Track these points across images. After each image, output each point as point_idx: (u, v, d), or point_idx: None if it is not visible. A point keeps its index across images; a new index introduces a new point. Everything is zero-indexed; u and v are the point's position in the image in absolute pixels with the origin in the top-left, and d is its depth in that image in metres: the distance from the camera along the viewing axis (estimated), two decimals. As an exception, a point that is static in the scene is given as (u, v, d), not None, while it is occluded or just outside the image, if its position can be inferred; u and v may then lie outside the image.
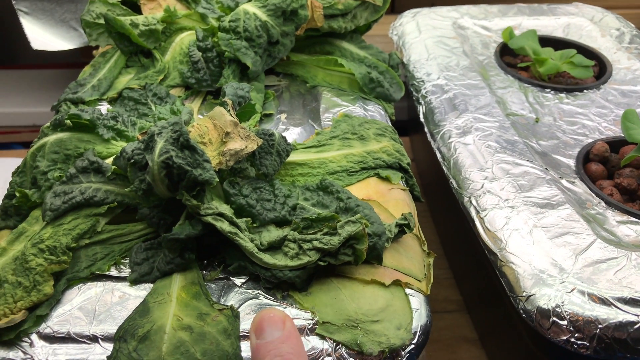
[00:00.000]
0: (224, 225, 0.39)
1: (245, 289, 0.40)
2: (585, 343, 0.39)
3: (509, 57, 0.73)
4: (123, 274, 0.41)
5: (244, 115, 0.54)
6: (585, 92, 0.64)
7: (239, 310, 0.38)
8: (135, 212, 0.43)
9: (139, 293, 0.39)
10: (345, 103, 0.59)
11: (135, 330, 0.36)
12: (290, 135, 0.55)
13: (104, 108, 0.58)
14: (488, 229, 0.46)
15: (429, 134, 0.60)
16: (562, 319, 0.39)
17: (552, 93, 0.64)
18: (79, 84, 0.60)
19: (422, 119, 0.62)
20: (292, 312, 0.38)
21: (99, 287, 0.40)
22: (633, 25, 0.77)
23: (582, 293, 0.40)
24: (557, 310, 0.39)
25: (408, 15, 0.80)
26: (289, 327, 0.31)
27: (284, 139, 0.47)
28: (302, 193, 0.45)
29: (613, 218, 0.47)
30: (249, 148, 0.42)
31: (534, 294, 0.40)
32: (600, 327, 0.38)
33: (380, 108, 0.60)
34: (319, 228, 0.39)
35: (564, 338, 0.39)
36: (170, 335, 0.36)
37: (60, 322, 0.37)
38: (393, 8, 1.12)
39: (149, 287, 0.40)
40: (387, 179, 0.49)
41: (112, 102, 0.59)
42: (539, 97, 0.63)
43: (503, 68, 0.68)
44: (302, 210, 0.43)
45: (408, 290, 0.39)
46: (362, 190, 0.47)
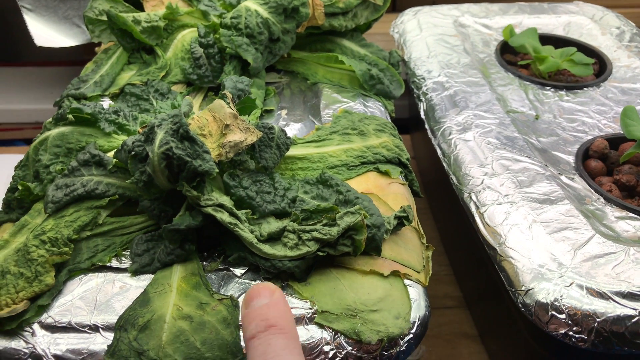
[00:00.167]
0: (224, 217, 0.39)
1: (245, 280, 0.40)
2: (584, 336, 0.39)
3: (510, 55, 0.73)
4: (124, 265, 0.41)
5: (245, 111, 0.54)
6: (585, 89, 0.64)
7: (239, 300, 0.38)
8: (136, 204, 0.43)
9: (140, 284, 0.40)
10: (346, 99, 0.60)
11: (136, 320, 0.36)
12: (291, 131, 0.55)
13: (106, 104, 0.58)
14: (488, 224, 0.46)
15: (430, 131, 0.60)
16: (560, 313, 0.39)
17: (552, 91, 0.64)
18: (82, 80, 0.60)
19: (422, 116, 0.62)
20: (291, 301, 0.38)
21: (100, 277, 0.40)
22: (633, 24, 0.77)
23: (580, 287, 0.40)
24: (555, 304, 0.39)
25: (409, 14, 0.80)
26: (277, 295, 0.30)
27: (284, 133, 0.47)
28: (301, 186, 0.45)
29: (612, 214, 0.48)
30: (249, 140, 0.42)
31: (533, 288, 0.41)
32: (599, 320, 0.38)
33: (381, 105, 0.60)
34: (318, 219, 0.40)
35: (563, 331, 0.39)
36: (170, 325, 0.36)
37: (62, 312, 0.38)
38: (394, 7, 1.12)
39: (150, 277, 0.40)
40: (386, 174, 0.49)
41: (114, 98, 0.59)
42: (539, 94, 0.63)
43: (503, 66, 0.68)
44: (301, 203, 0.43)
45: (407, 281, 0.39)
46: (361, 184, 0.47)
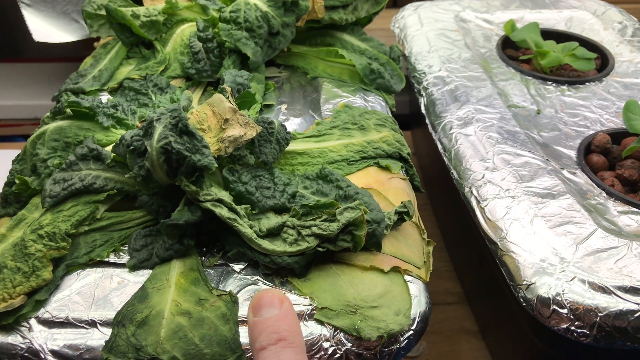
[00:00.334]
0: (223, 212, 0.39)
1: (244, 275, 0.39)
2: (586, 331, 0.38)
3: (511, 49, 0.73)
4: (122, 260, 0.41)
5: (244, 105, 0.54)
6: (587, 84, 0.64)
7: (238, 296, 0.38)
8: (135, 199, 0.43)
9: (138, 279, 0.39)
10: (346, 94, 0.59)
11: (134, 316, 0.36)
12: (291, 126, 0.55)
13: (105, 98, 0.58)
14: (489, 219, 0.46)
15: (430, 126, 0.59)
16: (562, 308, 0.39)
17: (553, 85, 0.63)
18: (80, 75, 0.60)
19: (423, 111, 0.62)
20: (291, 297, 0.37)
21: (98, 273, 0.40)
22: (635, 19, 0.77)
23: (582, 282, 0.39)
24: (557, 299, 0.39)
25: (410, 8, 0.80)
26: (287, 306, 0.31)
27: (284, 128, 0.47)
28: (301, 181, 0.45)
29: (614, 208, 0.47)
30: (248, 135, 0.42)
31: (535, 283, 0.40)
32: (601, 315, 0.38)
33: (381, 99, 0.60)
34: (318, 215, 0.39)
35: (564, 326, 0.39)
36: (169, 320, 0.36)
37: (59, 307, 0.37)
38: (395, 1, 1.12)
39: (148, 273, 0.40)
40: (387, 169, 0.48)
41: (112, 92, 0.59)
42: (541, 89, 0.63)
43: (505, 60, 0.68)
44: (301, 198, 0.43)
45: (407, 277, 0.39)
46: (362, 179, 0.47)
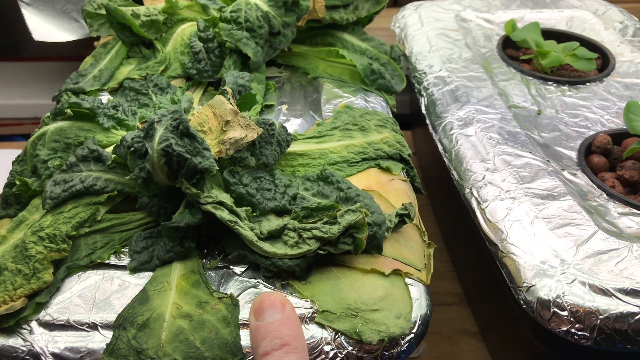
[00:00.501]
0: (224, 214, 0.39)
1: (245, 278, 0.39)
2: (586, 334, 0.38)
3: (512, 49, 0.72)
4: (123, 263, 0.41)
5: (245, 106, 0.54)
6: (588, 84, 0.64)
7: (239, 299, 0.38)
8: (135, 201, 0.43)
9: (139, 281, 0.39)
10: (347, 94, 0.59)
11: (135, 318, 0.36)
12: (291, 126, 0.55)
13: (105, 98, 0.58)
14: (489, 220, 0.46)
15: (431, 126, 0.59)
16: (562, 310, 0.39)
17: (554, 86, 0.63)
18: (80, 75, 0.60)
19: (423, 111, 0.62)
20: (291, 300, 0.37)
21: (99, 275, 0.40)
22: (637, 19, 0.76)
23: (583, 284, 0.39)
24: (557, 301, 0.39)
25: (410, 8, 0.80)
26: (289, 310, 0.31)
27: (285, 129, 0.47)
28: (302, 183, 0.45)
29: (615, 210, 0.47)
30: (249, 137, 0.42)
31: (535, 285, 0.40)
32: (601, 317, 0.38)
33: (382, 100, 0.60)
34: (319, 217, 0.39)
35: (565, 329, 0.39)
36: (170, 323, 0.36)
37: (60, 309, 0.37)
38: (395, 1, 1.12)
39: (149, 275, 0.40)
40: (387, 170, 0.48)
41: (113, 92, 0.59)
42: (542, 89, 0.63)
43: (505, 60, 0.68)
44: (302, 200, 0.43)
45: (408, 280, 0.39)
46: (362, 181, 0.47)
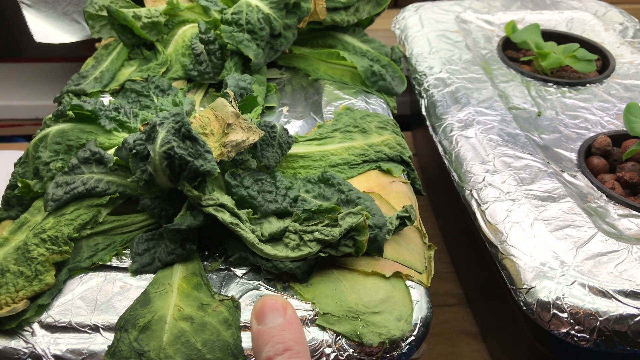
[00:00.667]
0: (225, 216, 0.39)
1: (246, 280, 0.40)
2: (586, 335, 0.39)
3: (512, 51, 0.72)
4: (124, 265, 0.41)
5: (246, 108, 0.54)
6: (588, 86, 0.64)
7: (240, 301, 0.38)
8: (137, 203, 0.43)
9: (140, 283, 0.40)
10: (347, 96, 0.59)
11: (136, 320, 0.36)
12: (292, 128, 0.55)
13: (106, 100, 0.58)
14: (489, 222, 0.46)
15: (431, 128, 0.60)
16: (562, 312, 0.39)
17: (554, 87, 0.63)
18: (82, 76, 0.60)
19: (424, 113, 0.62)
20: (292, 303, 0.38)
21: (101, 277, 0.40)
22: (637, 20, 0.77)
23: (582, 286, 0.39)
24: (557, 303, 0.39)
25: (411, 9, 0.80)
26: (290, 313, 0.31)
27: (286, 131, 0.47)
28: (303, 185, 0.45)
29: (614, 211, 0.47)
30: (251, 139, 0.42)
31: (535, 287, 0.40)
32: (601, 319, 0.38)
33: (382, 101, 0.60)
34: (320, 219, 0.40)
35: (564, 330, 0.39)
36: (171, 326, 0.36)
37: (62, 311, 0.37)
38: (396, 2, 1.12)
39: (150, 277, 0.40)
40: (388, 172, 0.49)
41: (114, 94, 0.59)
42: (542, 91, 0.63)
43: (505, 62, 0.68)
44: (303, 202, 0.43)
45: (409, 282, 0.39)
46: (363, 183, 0.47)
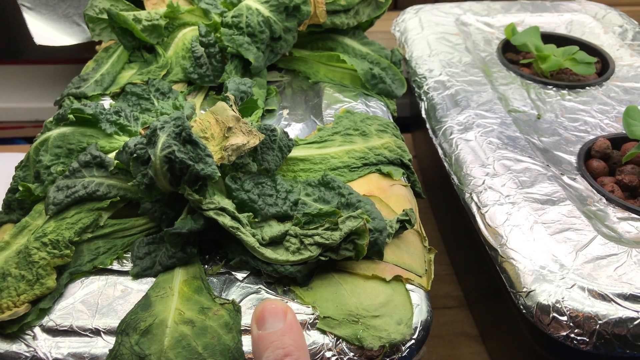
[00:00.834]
0: (226, 220, 0.39)
1: (247, 284, 0.40)
2: (585, 339, 0.39)
3: (512, 53, 0.73)
4: (125, 268, 0.41)
5: (246, 111, 0.54)
6: (588, 89, 0.64)
7: (241, 305, 0.38)
8: (138, 206, 0.43)
9: (141, 287, 0.40)
10: (347, 99, 0.59)
11: (137, 324, 0.36)
12: (292, 131, 0.55)
13: (107, 103, 0.58)
14: (489, 225, 0.46)
15: (431, 130, 0.60)
16: (562, 315, 0.39)
17: (554, 90, 0.64)
18: (82, 79, 0.60)
19: (424, 115, 0.62)
20: (293, 306, 0.38)
21: (102, 280, 0.40)
22: (636, 22, 0.77)
23: (582, 289, 0.40)
24: (557, 306, 0.39)
25: (410, 12, 0.80)
26: (291, 318, 0.31)
27: (286, 135, 0.47)
28: (303, 188, 0.45)
29: (614, 215, 0.47)
30: (251, 143, 0.42)
31: (534, 290, 0.41)
32: (600, 323, 0.38)
33: (382, 104, 0.60)
34: (321, 223, 0.40)
35: (564, 334, 0.39)
36: (172, 329, 0.36)
37: (63, 315, 0.38)
38: (396, 4, 1.12)
39: (151, 281, 0.40)
40: (388, 175, 0.49)
41: (114, 97, 0.59)
42: (541, 93, 0.63)
43: (505, 65, 0.68)
44: (303, 206, 0.43)
45: (409, 286, 0.39)
46: (363, 186, 0.47)
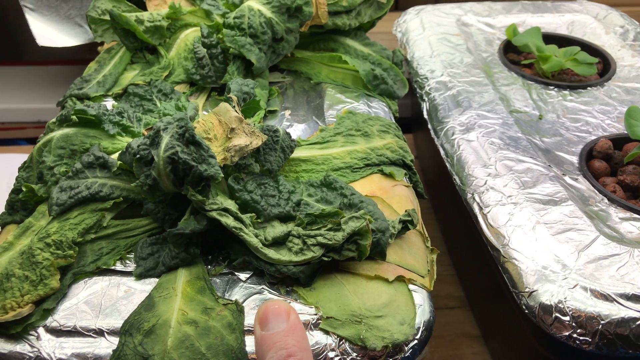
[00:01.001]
0: (229, 221, 0.39)
1: (250, 284, 0.40)
2: (588, 339, 0.39)
3: (513, 54, 0.73)
4: (129, 269, 0.41)
5: (249, 112, 0.54)
6: (589, 89, 0.64)
7: (244, 305, 0.38)
8: (141, 207, 0.43)
9: (145, 287, 0.40)
10: (349, 100, 0.59)
11: (141, 324, 0.36)
12: (295, 132, 0.55)
13: (109, 104, 0.58)
14: (491, 225, 0.46)
15: (433, 131, 0.60)
16: (564, 315, 0.39)
17: (555, 90, 0.64)
18: (84, 80, 0.60)
19: (425, 116, 0.62)
20: (296, 307, 0.38)
21: (105, 281, 0.40)
22: (637, 23, 0.77)
23: (584, 289, 0.40)
24: (559, 306, 0.39)
25: (412, 12, 0.80)
26: (294, 319, 0.31)
27: (288, 135, 0.47)
28: (306, 189, 0.45)
29: (616, 215, 0.48)
30: (254, 144, 0.42)
31: (537, 290, 0.41)
32: (603, 323, 0.38)
33: (384, 105, 0.60)
34: (323, 224, 0.40)
35: (566, 334, 0.39)
36: (176, 330, 0.36)
37: (67, 315, 0.38)
38: (397, 5, 1.12)
39: (155, 281, 0.40)
40: (390, 176, 0.49)
41: (117, 98, 0.59)
42: (543, 94, 0.63)
43: (507, 65, 0.68)
44: (306, 206, 0.43)
45: (411, 286, 0.39)
46: (365, 187, 0.47)
